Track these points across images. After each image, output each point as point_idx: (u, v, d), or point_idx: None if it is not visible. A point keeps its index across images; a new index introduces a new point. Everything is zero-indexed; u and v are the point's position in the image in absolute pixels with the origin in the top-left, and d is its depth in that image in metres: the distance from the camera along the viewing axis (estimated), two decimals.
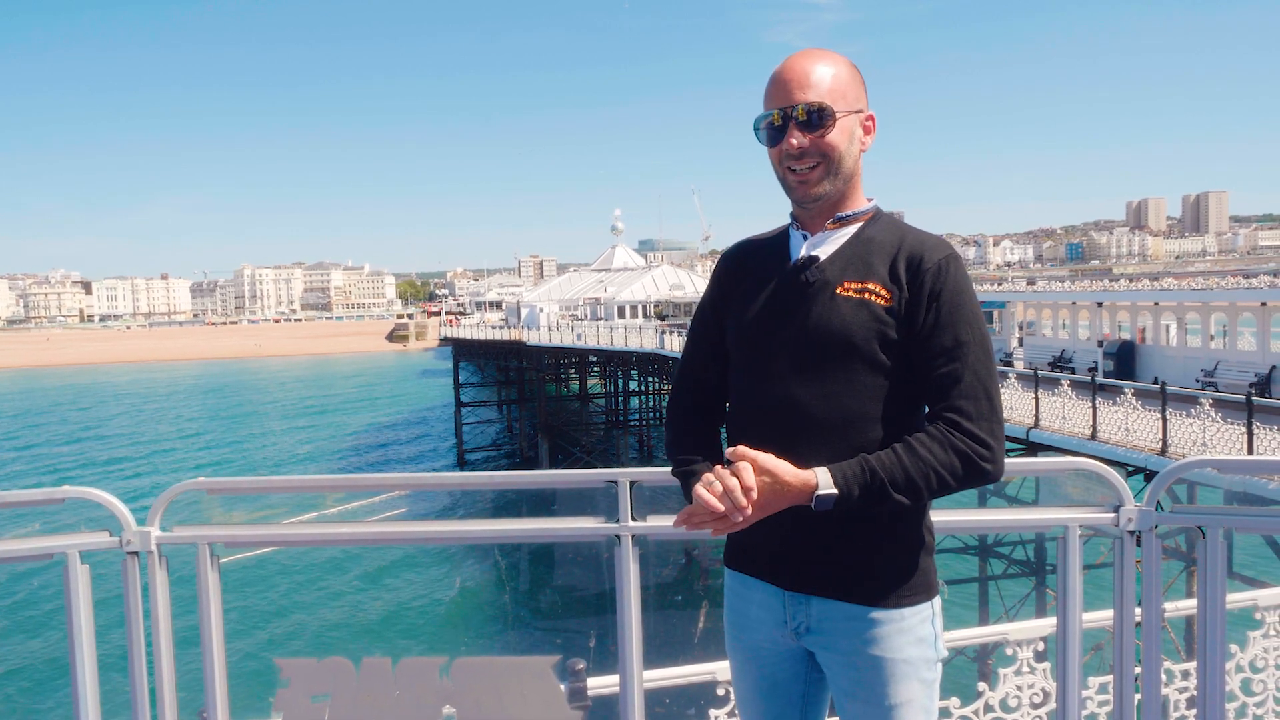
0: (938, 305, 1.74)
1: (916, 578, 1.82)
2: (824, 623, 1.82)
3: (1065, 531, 2.36)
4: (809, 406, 1.76)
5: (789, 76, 1.78)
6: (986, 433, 1.70)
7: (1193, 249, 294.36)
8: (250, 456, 52.47)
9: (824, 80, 1.77)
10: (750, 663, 1.95)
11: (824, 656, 1.86)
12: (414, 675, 2.41)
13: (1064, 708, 2.41)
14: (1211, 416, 14.17)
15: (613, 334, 46.98)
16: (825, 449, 1.73)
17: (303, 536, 2.64)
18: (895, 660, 1.79)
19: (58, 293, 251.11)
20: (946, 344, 1.73)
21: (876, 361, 1.75)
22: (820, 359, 1.77)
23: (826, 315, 1.78)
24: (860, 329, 1.75)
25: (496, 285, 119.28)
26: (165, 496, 2.45)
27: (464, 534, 2.86)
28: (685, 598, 24.04)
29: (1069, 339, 29.92)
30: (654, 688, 2.68)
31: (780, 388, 1.79)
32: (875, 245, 1.82)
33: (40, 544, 2.45)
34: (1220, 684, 2.36)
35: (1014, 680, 3.07)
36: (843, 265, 1.81)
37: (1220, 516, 2.32)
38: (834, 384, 1.76)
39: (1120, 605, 2.40)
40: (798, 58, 1.80)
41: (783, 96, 1.78)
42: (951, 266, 1.77)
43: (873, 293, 1.77)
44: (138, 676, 2.46)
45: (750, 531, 1.72)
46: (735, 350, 1.90)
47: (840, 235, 1.85)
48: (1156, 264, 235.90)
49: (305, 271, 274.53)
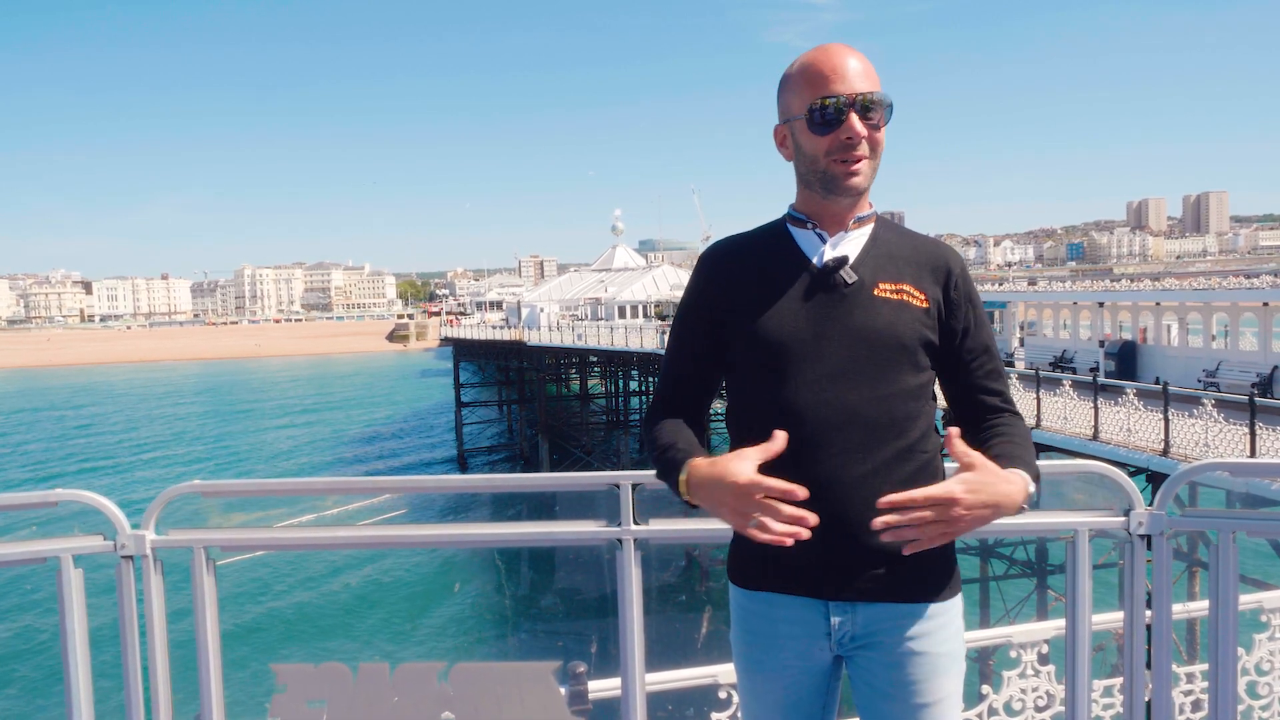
0: (972, 307, 1.84)
1: (952, 569, 1.84)
2: (870, 627, 1.78)
3: (1075, 535, 2.32)
4: (860, 409, 1.74)
5: (848, 66, 1.74)
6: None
7: (1193, 249, 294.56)
8: (249, 457, 52.42)
9: (875, 75, 1.77)
10: (773, 682, 1.88)
11: (863, 659, 1.81)
12: (412, 680, 2.38)
13: (1072, 712, 2.38)
14: (1214, 417, 14.13)
15: (613, 334, 46.96)
16: (876, 452, 1.72)
17: (299, 540, 2.60)
18: (939, 655, 1.79)
19: (58, 293, 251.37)
20: (986, 343, 1.86)
21: (918, 362, 1.78)
22: (869, 360, 1.75)
23: (870, 316, 1.77)
24: (906, 329, 1.77)
25: (497, 285, 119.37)
26: (160, 499, 2.42)
27: (464, 538, 2.83)
28: (688, 600, 23.99)
29: (1070, 339, 29.91)
30: (656, 690, 2.65)
31: (826, 392, 1.75)
32: (895, 248, 1.84)
33: (33, 547, 2.42)
34: (1233, 688, 2.33)
35: (1018, 683, 3.06)
36: (873, 266, 1.80)
37: (1232, 520, 2.28)
38: (882, 385, 1.75)
39: (1130, 609, 2.37)
40: (848, 49, 1.77)
41: (844, 84, 1.73)
42: (967, 271, 1.87)
43: (909, 294, 1.79)
44: (132, 682, 2.43)
45: (777, 547, 1.62)
46: (755, 356, 1.81)
47: (859, 236, 1.84)
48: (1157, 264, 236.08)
49: (306, 271, 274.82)
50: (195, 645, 2.43)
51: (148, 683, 2.44)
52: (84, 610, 2.43)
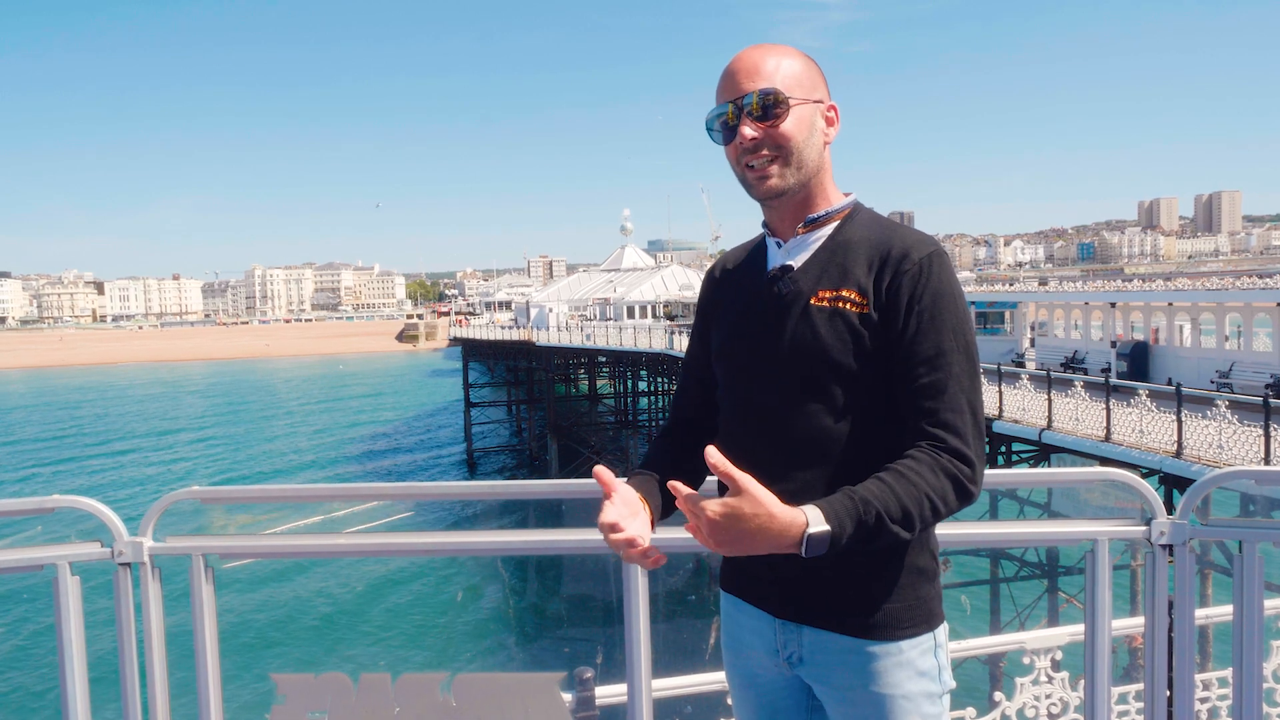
0: (918, 309, 1.58)
1: (916, 607, 1.68)
2: (817, 654, 1.70)
3: (1094, 545, 2.26)
4: (788, 427, 1.65)
5: (738, 68, 1.66)
6: (973, 452, 1.55)
7: (1205, 249, 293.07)
8: (256, 458, 52.39)
9: (776, 69, 1.65)
10: (748, 689, 1.84)
11: (819, 689, 1.74)
12: (414, 691, 2.34)
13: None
14: (1228, 419, 13.99)
15: (622, 334, 46.94)
16: (807, 471, 1.62)
17: (300, 548, 2.55)
18: (894, 696, 1.66)
19: (70, 293, 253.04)
20: (928, 352, 1.57)
21: (855, 376, 1.62)
22: (796, 376, 1.65)
23: (800, 330, 1.66)
24: (835, 342, 1.62)
25: (506, 285, 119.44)
26: (158, 506, 2.38)
27: (468, 546, 2.77)
28: (696, 604, 23.84)
29: (1081, 339, 29.72)
30: (665, 696, 2.61)
31: (758, 408, 1.69)
32: (851, 247, 1.68)
33: (29, 555, 2.38)
34: (1258, 700, 2.28)
35: (1031, 690, 3.02)
36: (817, 273, 1.68)
37: (1258, 531, 2.22)
38: (812, 402, 1.64)
39: (1152, 619, 2.32)
40: (747, 50, 1.69)
41: (732, 89, 1.66)
42: (934, 265, 1.60)
43: (846, 300, 1.63)
44: (130, 692, 2.39)
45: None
46: (716, 368, 1.80)
47: (814, 240, 1.72)
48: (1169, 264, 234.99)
49: (315, 272, 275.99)
50: (194, 654, 2.39)
51: (145, 693, 2.40)
52: (81, 618, 2.40)
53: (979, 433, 1.58)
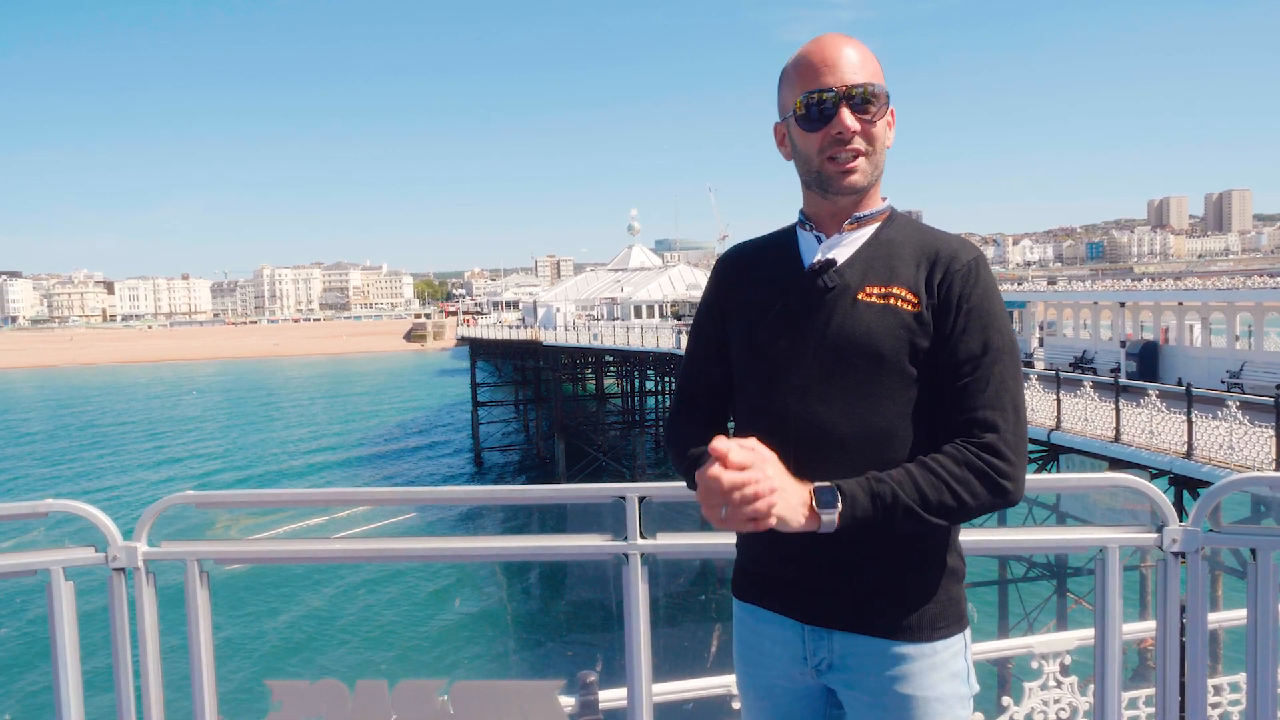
0: (967, 308, 1.61)
1: (949, 607, 1.67)
2: (848, 659, 1.67)
3: (1105, 553, 2.22)
4: (831, 424, 1.62)
5: (838, 57, 1.64)
6: (1010, 449, 1.55)
7: (1215, 248, 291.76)
8: (261, 458, 52.44)
9: (871, 65, 1.65)
10: (764, 701, 1.81)
11: (848, 695, 1.71)
12: (411, 699, 2.31)
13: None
14: (1238, 419, 13.89)
15: (629, 334, 46.98)
16: (849, 470, 1.56)
17: (297, 553, 2.53)
18: (928, 699, 1.64)
19: (80, 293, 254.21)
20: (975, 350, 1.59)
21: (905, 373, 1.61)
22: (843, 371, 1.62)
23: (849, 323, 1.63)
24: (887, 337, 1.61)
25: (513, 285, 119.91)
26: (152, 510, 2.36)
27: (467, 552, 2.75)
28: (703, 604, 23.75)
29: (1090, 339, 29.60)
30: (667, 700, 2.58)
31: (798, 404, 1.65)
32: (896, 247, 1.68)
33: (22, 559, 2.35)
34: (1272, 704, 2.25)
35: (1040, 695, 3.02)
36: (863, 269, 1.67)
37: (1275, 538, 2.18)
38: (859, 399, 1.62)
39: (1164, 624, 2.28)
40: (843, 39, 1.66)
41: (834, 77, 1.63)
42: (981, 269, 1.64)
43: (898, 298, 1.63)
44: (124, 698, 2.37)
45: (762, 560, 1.61)
46: (743, 362, 1.75)
47: (858, 237, 1.71)
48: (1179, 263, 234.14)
49: (324, 271, 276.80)
50: (189, 660, 2.37)
51: (140, 699, 2.38)
52: (75, 624, 2.37)
53: (1020, 432, 1.58)
